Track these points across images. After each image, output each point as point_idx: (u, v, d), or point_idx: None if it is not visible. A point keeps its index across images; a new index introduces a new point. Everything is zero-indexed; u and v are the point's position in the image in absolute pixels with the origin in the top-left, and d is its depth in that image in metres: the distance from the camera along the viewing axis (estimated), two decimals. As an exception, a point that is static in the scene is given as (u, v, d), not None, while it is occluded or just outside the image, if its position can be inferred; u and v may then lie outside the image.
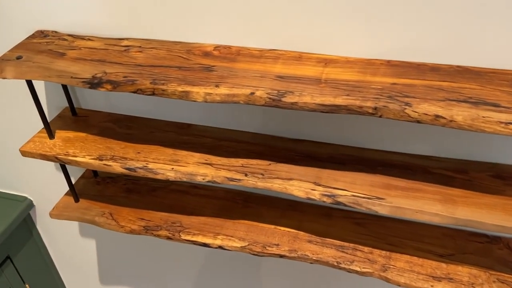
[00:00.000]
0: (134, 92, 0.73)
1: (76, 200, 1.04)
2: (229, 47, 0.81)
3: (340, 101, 0.65)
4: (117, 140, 0.92)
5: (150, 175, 0.85)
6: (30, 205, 1.33)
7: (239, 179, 0.81)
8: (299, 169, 0.82)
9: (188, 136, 0.93)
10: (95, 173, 1.11)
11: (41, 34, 0.89)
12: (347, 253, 0.89)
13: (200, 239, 0.94)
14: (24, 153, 0.90)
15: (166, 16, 0.82)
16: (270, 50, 0.79)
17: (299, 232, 0.94)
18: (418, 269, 0.85)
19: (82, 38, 0.86)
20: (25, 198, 1.32)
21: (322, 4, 0.73)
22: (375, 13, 0.71)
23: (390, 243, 0.91)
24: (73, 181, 1.06)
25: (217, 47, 0.81)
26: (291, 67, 0.74)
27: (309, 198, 0.78)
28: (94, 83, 0.74)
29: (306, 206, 1.00)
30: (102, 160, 0.86)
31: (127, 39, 0.85)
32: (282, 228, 0.95)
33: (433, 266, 0.86)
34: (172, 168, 0.84)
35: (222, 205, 1.02)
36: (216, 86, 0.70)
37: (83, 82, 0.75)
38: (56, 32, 0.89)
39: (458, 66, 0.71)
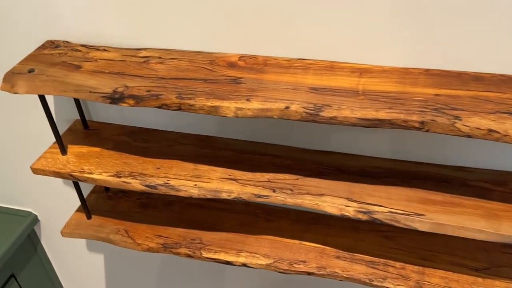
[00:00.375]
0: (159, 107, 0.69)
1: (89, 217, 0.99)
2: (255, 56, 0.76)
3: (383, 115, 0.61)
4: (133, 155, 0.87)
5: (172, 192, 0.80)
6: (35, 220, 1.27)
7: (267, 195, 0.77)
8: (329, 184, 0.78)
9: (208, 149, 0.88)
10: (106, 187, 1.06)
11: (52, 44, 0.84)
12: (378, 269, 0.85)
13: (222, 256, 0.89)
14: (35, 171, 0.85)
15: (186, 25, 0.78)
16: (299, 59, 0.75)
17: (325, 247, 0.90)
18: (455, 285, 0.82)
19: (96, 48, 0.82)
20: (30, 213, 1.27)
21: (354, 11, 0.69)
22: (412, 20, 0.67)
23: (422, 258, 0.87)
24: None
25: (242, 57, 0.77)
26: (324, 78, 0.70)
27: (342, 215, 0.74)
28: (115, 98, 0.70)
29: (330, 219, 0.96)
30: (120, 177, 0.82)
31: (145, 49, 0.81)
32: (308, 244, 0.91)
33: (469, 281, 0.83)
34: (195, 185, 0.80)
35: (243, 219, 0.97)
36: (247, 100, 0.66)
37: (103, 97, 0.70)
38: (68, 42, 0.84)
39: (501, 75, 0.67)
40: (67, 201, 1.19)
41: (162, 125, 0.94)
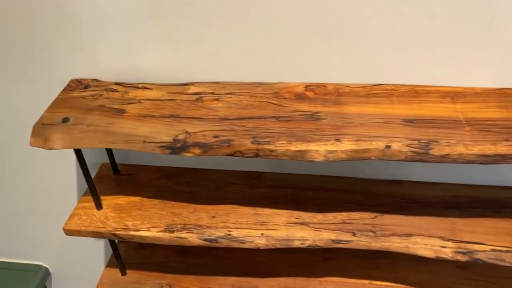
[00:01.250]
0: (231, 155, 0.58)
1: (123, 273, 0.87)
2: (323, 85, 0.67)
3: (503, 149, 0.53)
4: (181, 202, 0.76)
5: (236, 245, 0.70)
6: (47, 273, 1.14)
7: (347, 241, 0.68)
8: (413, 220, 0.70)
9: (263, 188, 0.78)
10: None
11: (79, 84, 0.72)
12: (463, 306, 0.77)
13: (287, 308, 0.80)
14: (69, 232, 0.72)
15: (238, 53, 0.68)
16: (375, 85, 0.66)
17: (398, 285, 0.82)
18: (549, 317, 0.75)
19: (135, 87, 0.70)
20: (40, 266, 1.13)
21: (439, 31, 0.61)
22: (504, 37, 0.60)
23: (505, 286, 0.80)
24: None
25: (308, 86, 0.67)
26: (413, 106, 0.62)
27: (438, 257, 0.66)
28: (176, 148, 0.59)
29: (392, 252, 0.87)
30: (173, 231, 0.71)
31: (192, 83, 0.70)
32: (379, 283, 0.82)
33: (562, 311, 0.76)
34: (262, 234, 0.70)
35: (299, 259, 0.88)
36: (337, 140, 0.57)
37: (161, 147, 0.59)
38: (97, 80, 0.72)
39: None
40: (78, 249, 1.07)
41: (201, 163, 0.84)
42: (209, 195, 0.78)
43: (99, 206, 0.75)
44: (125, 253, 0.92)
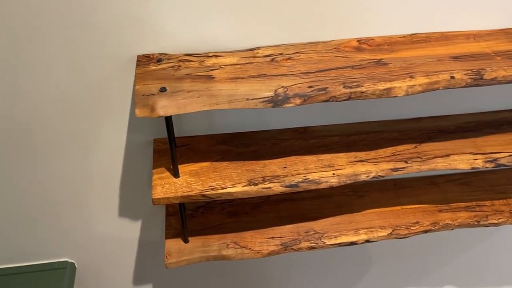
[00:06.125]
0: (327, 101, 0.68)
1: (186, 241, 0.91)
2: (372, 38, 0.79)
3: (532, 69, 0.71)
4: (249, 161, 0.83)
5: (313, 187, 0.80)
6: (73, 269, 1.11)
7: (403, 167, 0.82)
8: (444, 144, 0.86)
9: (315, 139, 0.89)
10: (180, 207, 0.98)
11: (150, 59, 0.75)
12: (476, 211, 0.96)
13: (345, 239, 0.92)
14: (157, 201, 0.76)
15: (291, 16, 0.77)
16: (412, 34, 0.80)
17: (424, 205, 0.98)
18: (537, 207, 0.97)
19: (206, 56, 0.75)
20: (66, 262, 1.10)
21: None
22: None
23: (499, 192, 1.01)
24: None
25: (359, 41, 0.79)
26: (450, 47, 0.77)
27: (473, 168, 0.82)
28: (278, 101, 0.67)
29: (409, 181, 1.04)
30: (256, 184, 0.78)
31: (258, 48, 0.77)
32: (409, 206, 0.98)
33: (543, 200, 0.99)
34: (333, 174, 0.80)
35: (337, 201, 1.00)
36: (411, 77, 0.70)
37: (264, 102, 0.67)
38: (165, 54, 0.76)
39: None
40: (104, 241, 1.07)
41: (246, 127, 0.91)
42: (270, 151, 0.86)
43: (177, 174, 0.79)
44: (179, 225, 0.95)
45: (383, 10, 0.78)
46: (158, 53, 0.76)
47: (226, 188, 0.77)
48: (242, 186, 0.78)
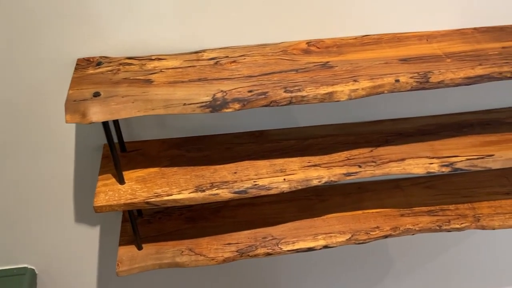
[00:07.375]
0: (267, 105, 0.66)
1: (140, 248, 0.89)
2: (322, 40, 0.77)
3: (480, 71, 0.68)
4: (199, 166, 0.81)
5: (263, 193, 0.78)
6: (33, 275, 1.10)
7: (356, 172, 0.80)
8: (400, 148, 0.84)
9: (269, 143, 0.87)
10: (139, 212, 0.96)
11: (89, 62, 0.73)
12: (439, 215, 0.94)
13: (302, 245, 0.90)
14: (100, 209, 0.74)
15: (239, 19, 0.75)
16: (363, 36, 0.78)
17: (386, 209, 0.96)
18: (501, 210, 0.95)
19: (148, 59, 0.73)
20: (26, 268, 1.08)
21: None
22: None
23: (464, 196, 0.99)
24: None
25: (309, 43, 0.77)
26: (400, 49, 0.75)
27: (428, 173, 0.80)
28: (217, 106, 0.65)
29: (373, 185, 1.02)
30: (203, 191, 0.76)
31: (203, 51, 0.75)
32: (370, 211, 0.96)
33: (508, 204, 0.97)
34: (284, 179, 0.78)
35: (298, 205, 0.98)
36: (355, 81, 0.67)
37: (201, 107, 0.64)
38: (106, 57, 0.74)
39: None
40: (64, 246, 1.05)
41: (201, 130, 0.89)
42: (222, 156, 0.84)
43: (122, 181, 0.77)
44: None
45: (335, 11, 0.76)
46: (99, 56, 0.74)
47: (171, 195, 0.75)
48: (189, 193, 0.76)
